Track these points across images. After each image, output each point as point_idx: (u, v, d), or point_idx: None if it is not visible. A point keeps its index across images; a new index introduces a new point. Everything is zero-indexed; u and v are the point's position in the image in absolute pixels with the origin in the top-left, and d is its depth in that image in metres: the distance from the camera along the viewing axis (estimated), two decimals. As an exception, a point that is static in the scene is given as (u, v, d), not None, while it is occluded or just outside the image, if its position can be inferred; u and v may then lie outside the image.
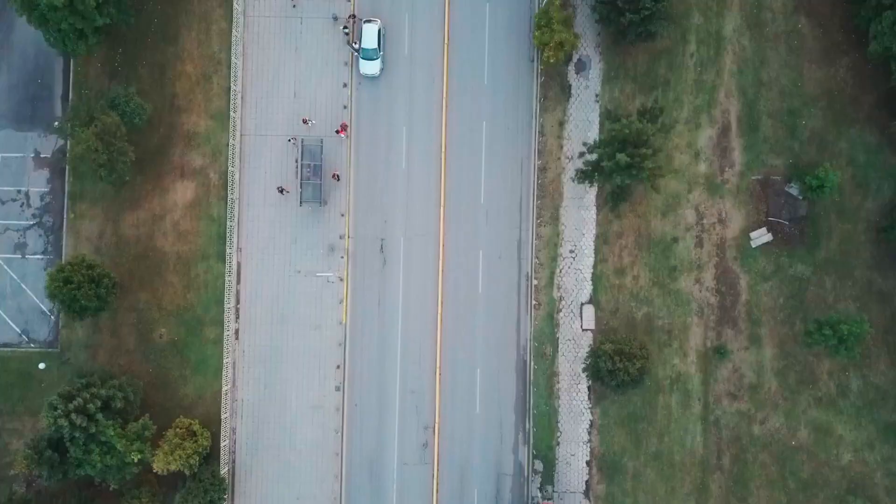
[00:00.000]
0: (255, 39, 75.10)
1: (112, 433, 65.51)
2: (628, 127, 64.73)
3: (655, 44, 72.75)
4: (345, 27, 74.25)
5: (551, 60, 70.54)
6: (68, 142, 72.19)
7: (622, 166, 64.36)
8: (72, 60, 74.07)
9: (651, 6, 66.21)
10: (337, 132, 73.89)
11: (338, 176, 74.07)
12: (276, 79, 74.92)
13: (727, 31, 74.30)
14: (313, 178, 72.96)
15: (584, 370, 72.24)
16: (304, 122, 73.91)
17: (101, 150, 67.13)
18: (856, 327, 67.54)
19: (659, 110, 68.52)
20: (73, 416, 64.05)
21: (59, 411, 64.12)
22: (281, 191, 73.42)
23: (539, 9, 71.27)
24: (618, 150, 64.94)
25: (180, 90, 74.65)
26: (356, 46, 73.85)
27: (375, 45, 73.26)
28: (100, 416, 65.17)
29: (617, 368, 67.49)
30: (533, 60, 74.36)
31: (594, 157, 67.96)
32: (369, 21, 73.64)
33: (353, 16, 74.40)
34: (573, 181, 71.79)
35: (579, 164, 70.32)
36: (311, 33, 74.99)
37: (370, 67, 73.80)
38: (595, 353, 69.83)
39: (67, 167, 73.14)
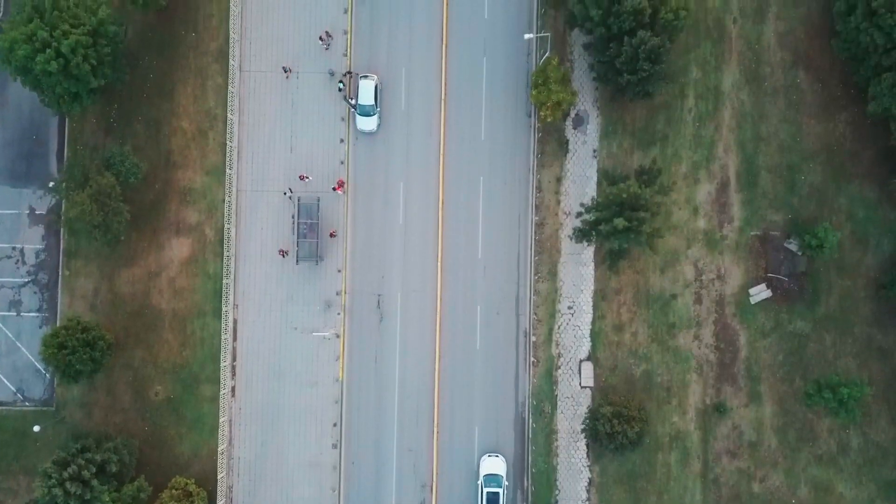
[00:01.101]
0: (251, 95, 74.75)
1: (107, 499, 65.01)
2: (626, 191, 64.33)
3: (654, 99, 72.32)
4: (341, 83, 73.88)
5: (548, 119, 70.21)
6: (63, 203, 71.70)
7: (620, 230, 63.93)
8: (67, 117, 73.69)
9: (649, 68, 65.78)
10: (334, 189, 73.49)
11: (335, 234, 73.63)
12: (272, 134, 74.58)
13: (726, 86, 73.94)
14: (310, 236, 72.55)
15: (582, 431, 71.74)
16: (302, 178, 73.53)
17: (96, 212, 66.75)
18: (856, 391, 67.11)
19: (657, 171, 68.14)
20: (68, 484, 63.57)
21: (54, 480, 63.67)
22: (282, 253, 72.98)
23: (536, 66, 70.86)
24: (615, 213, 64.55)
25: (176, 146, 74.28)
26: (353, 102, 73.48)
27: (372, 102, 72.90)
28: (95, 482, 64.69)
29: (615, 432, 67.00)
30: (530, 116, 73.99)
31: (592, 216, 67.53)
32: (366, 77, 73.30)
33: (350, 72, 74.06)
34: (571, 239, 71.36)
35: (577, 222, 69.90)
36: (307, 89, 74.64)
37: (367, 123, 73.45)
38: (594, 416, 69.33)
39: (62, 228, 72.82)
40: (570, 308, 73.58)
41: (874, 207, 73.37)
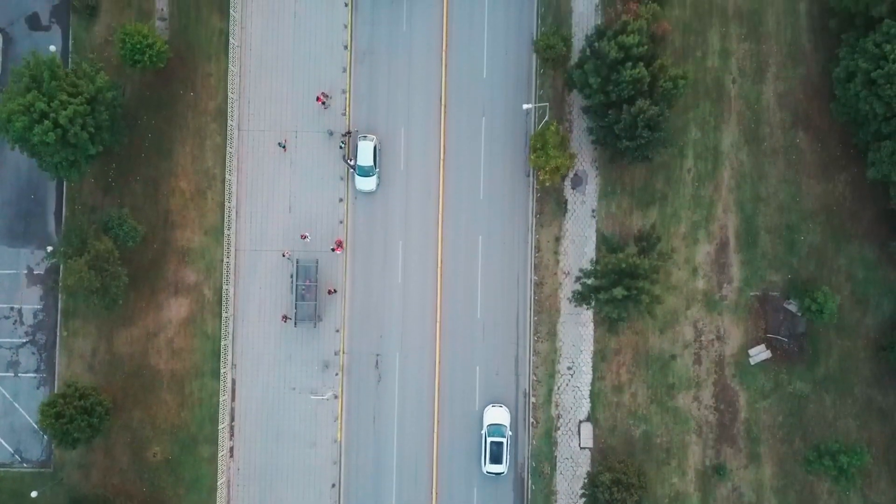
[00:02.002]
0: (249, 154, 74.65)
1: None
2: (625, 261, 64.17)
3: (653, 161, 72.16)
4: (341, 144, 73.78)
5: (547, 184, 70.16)
6: (61, 269, 71.52)
7: (619, 300, 63.79)
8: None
9: (648, 135, 65.67)
10: (332, 250, 73.31)
11: (333, 291, 73.51)
12: (271, 194, 74.45)
13: (725, 146, 73.81)
14: (308, 298, 72.39)
15: (581, 496, 71.49)
16: (303, 237, 73.41)
17: (94, 279, 66.57)
18: (856, 459, 66.91)
19: (656, 238, 67.98)
20: (66, 552, 63.49)
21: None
22: (285, 319, 72.84)
23: (535, 130, 70.73)
24: (614, 282, 64.40)
25: (174, 206, 74.14)
26: (352, 163, 73.37)
27: (371, 163, 72.80)
28: (92, 551, 64.55)
29: (615, 499, 66.73)
30: (529, 175, 73.87)
31: (591, 281, 67.39)
32: (364, 138, 73.17)
33: (350, 132, 73.95)
34: (570, 301, 71.19)
35: (577, 286, 69.73)
36: (306, 148, 74.55)
37: (366, 184, 73.34)
38: (593, 483, 69.10)
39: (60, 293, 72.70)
40: (569, 368, 73.39)
41: (874, 268, 73.18)
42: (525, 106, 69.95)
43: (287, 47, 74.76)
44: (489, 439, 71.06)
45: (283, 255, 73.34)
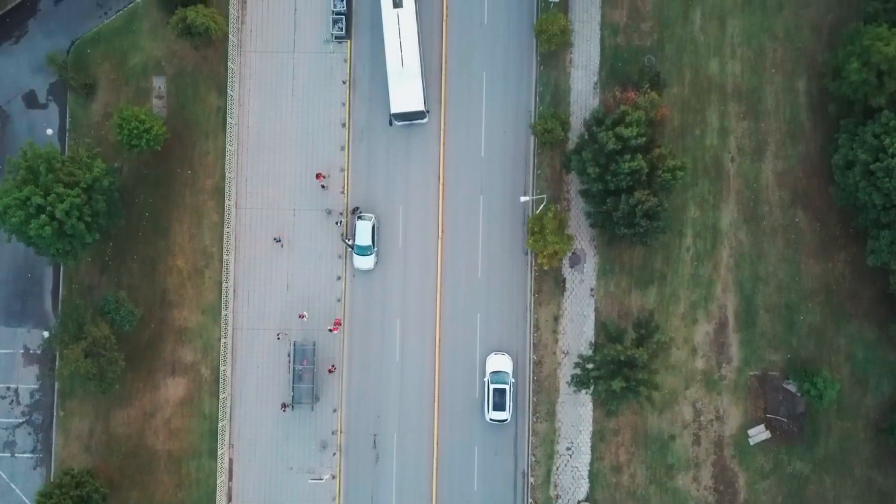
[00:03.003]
0: (247, 231, 74.46)
1: None
2: (623, 353, 63.92)
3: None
4: (338, 221, 73.54)
5: (545, 267, 69.98)
6: (57, 356, 71.28)
7: (617, 392, 63.55)
8: (62, 258, 73.46)
9: (646, 224, 65.47)
10: (330, 330, 73.05)
11: (333, 369, 73.25)
12: (268, 272, 74.23)
13: (724, 225, 73.58)
14: (305, 380, 72.14)
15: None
16: (301, 317, 73.16)
17: (91, 366, 66.34)
18: None
19: (655, 327, 67.71)
20: None
21: None
22: (284, 407, 72.67)
23: (533, 213, 70.50)
24: (613, 373, 64.16)
25: (171, 285, 73.92)
26: (350, 242, 73.16)
27: (369, 242, 72.61)
28: None
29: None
30: (527, 254, 73.60)
31: (590, 367, 67.15)
32: (362, 217, 72.95)
33: (354, 209, 73.56)
34: (569, 385, 70.88)
35: (576, 370, 69.42)
36: (303, 226, 74.36)
37: (364, 263, 73.13)
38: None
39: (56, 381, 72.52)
40: (568, 449, 73.07)
41: (874, 348, 72.89)
42: (522, 198, 69.76)
43: (285, 125, 74.63)
44: (492, 386, 70.92)
45: (278, 337, 73.09)
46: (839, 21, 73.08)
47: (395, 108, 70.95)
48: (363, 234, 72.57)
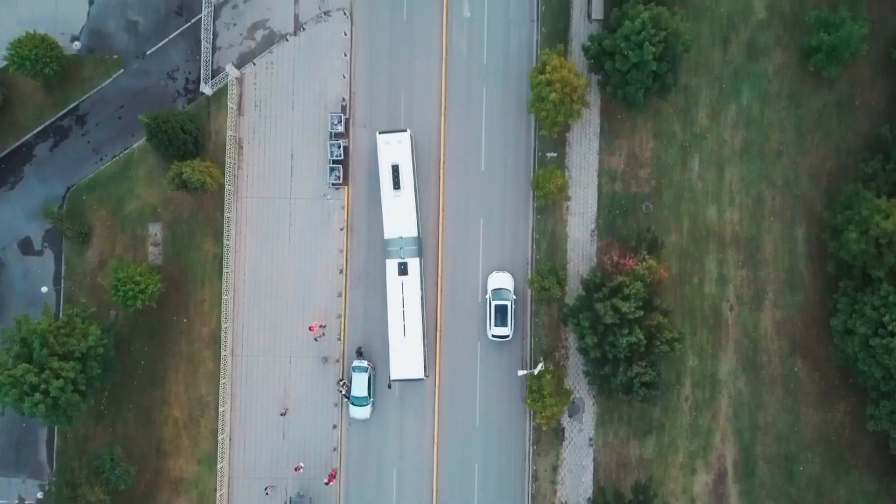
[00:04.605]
0: (243, 379, 74.06)
1: None
2: (622, 526, 63.55)
3: (650, 394, 71.60)
4: (340, 387, 73.10)
5: (543, 428, 69.61)
6: (51, 521, 71.11)
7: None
8: (57, 409, 73.02)
9: (644, 393, 65.05)
10: (326, 483, 72.53)
11: (329, 516, 72.97)
12: (264, 420, 73.80)
13: (722, 374, 73.15)
14: (302, 536, 71.76)
15: None
16: (297, 469, 72.69)
17: (86, 530, 66.00)
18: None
19: (653, 494, 67.25)
20: None
21: None
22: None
23: (531, 373, 70.03)
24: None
25: (167, 434, 73.48)
26: (345, 392, 72.72)
27: (366, 393, 72.19)
28: None
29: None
30: (525, 397, 73.11)
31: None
32: (358, 369, 72.48)
33: (356, 350, 73.22)
34: (567, 543, 70.55)
35: (573, 528, 69.09)
36: (299, 374, 73.96)
37: (360, 413, 72.71)
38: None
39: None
40: None
41: (874, 499, 72.33)
42: (520, 372, 69.33)
43: (282, 272, 74.31)
44: (493, 303, 70.91)
45: (266, 492, 72.57)
46: (839, 169, 72.90)
47: (394, 376, 70.86)
48: (360, 386, 72.17)
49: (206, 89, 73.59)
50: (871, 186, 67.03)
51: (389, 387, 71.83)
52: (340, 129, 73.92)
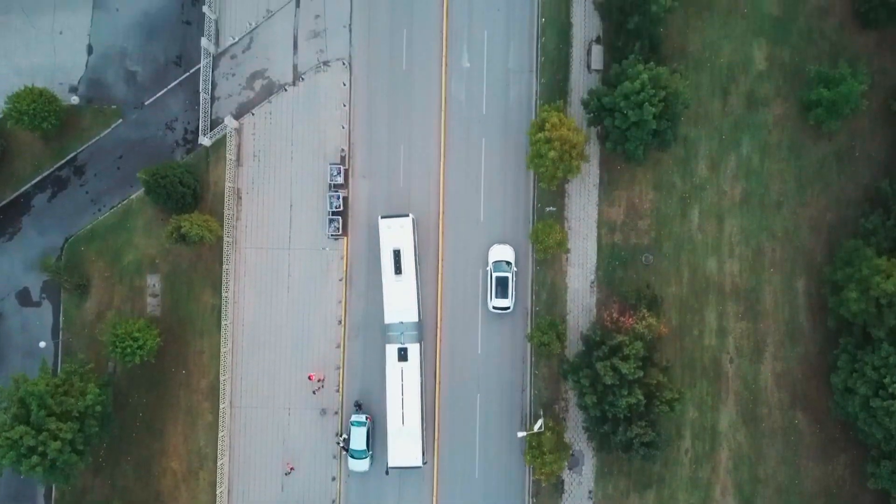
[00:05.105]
0: (242, 430, 73.81)
1: None
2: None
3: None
4: (340, 441, 72.87)
5: (543, 483, 69.37)
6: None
7: None
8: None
9: (644, 452, 64.81)
10: (324, 536, 72.50)
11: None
12: (263, 471, 73.58)
13: (723, 426, 72.91)
14: (300, 591, 71.42)
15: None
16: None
17: None
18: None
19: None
20: None
21: None
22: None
23: (530, 427, 69.75)
24: None
25: (165, 487, 73.24)
26: (344, 445, 72.49)
27: (364, 446, 71.92)
28: None
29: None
30: (525, 453, 72.89)
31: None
32: (357, 423, 72.18)
33: (354, 404, 73.00)
34: None
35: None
36: (298, 426, 73.74)
37: (359, 465, 72.44)
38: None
39: None
40: None
41: (875, 553, 72.28)
42: (519, 434, 69.08)
43: (280, 322, 74.10)
44: (494, 274, 71.07)
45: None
46: (839, 221, 72.76)
47: (392, 463, 70.61)
48: (358, 440, 71.91)
49: (205, 141, 73.42)
50: (871, 243, 66.83)
51: (387, 473, 71.43)
52: (340, 180, 73.79)
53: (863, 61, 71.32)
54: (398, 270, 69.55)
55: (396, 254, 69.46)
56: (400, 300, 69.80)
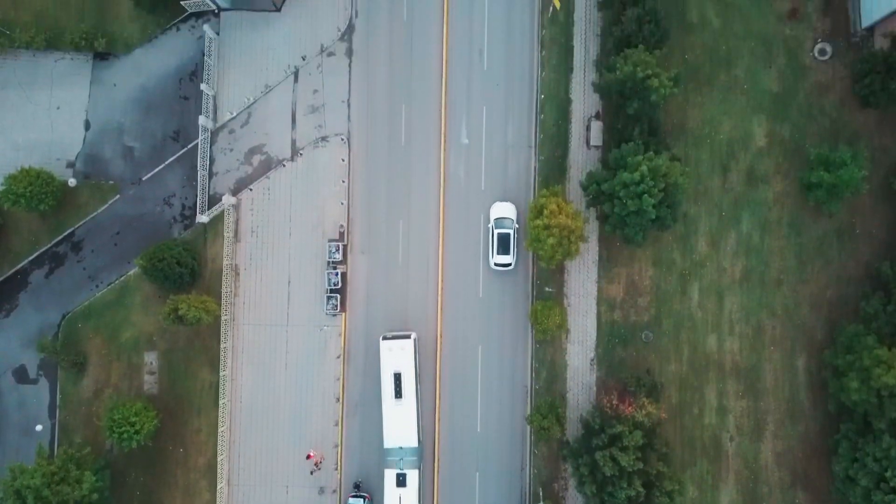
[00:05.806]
0: (240, 508, 73.61)
1: None
2: None
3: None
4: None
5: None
6: None
7: None
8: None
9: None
10: None
11: None
12: (261, 552, 73.36)
13: (723, 505, 72.78)
14: None
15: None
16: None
17: None
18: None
19: None
20: None
21: None
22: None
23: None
24: None
25: (162, 572, 73.00)
26: (345, 519, 72.47)
27: (362, 530, 71.80)
28: None
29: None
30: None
31: None
32: (357, 496, 71.82)
33: (354, 485, 72.65)
34: None
35: None
36: (297, 501, 73.32)
37: (357, 549, 72.22)
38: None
39: None
40: None
41: None
42: None
43: (278, 399, 73.76)
44: (496, 231, 71.11)
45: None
46: (839, 299, 72.43)
47: None
48: (358, 516, 71.77)
49: (203, 218, 73.13)
50: (872, 328, 66.47)
51: None
52: (338, 256, 73.50)
53: (863, 142, 71.11)
54: (398, 395, 69.17)
55: (397, 377, 69.10)
56: (400, 425, 69.43)
